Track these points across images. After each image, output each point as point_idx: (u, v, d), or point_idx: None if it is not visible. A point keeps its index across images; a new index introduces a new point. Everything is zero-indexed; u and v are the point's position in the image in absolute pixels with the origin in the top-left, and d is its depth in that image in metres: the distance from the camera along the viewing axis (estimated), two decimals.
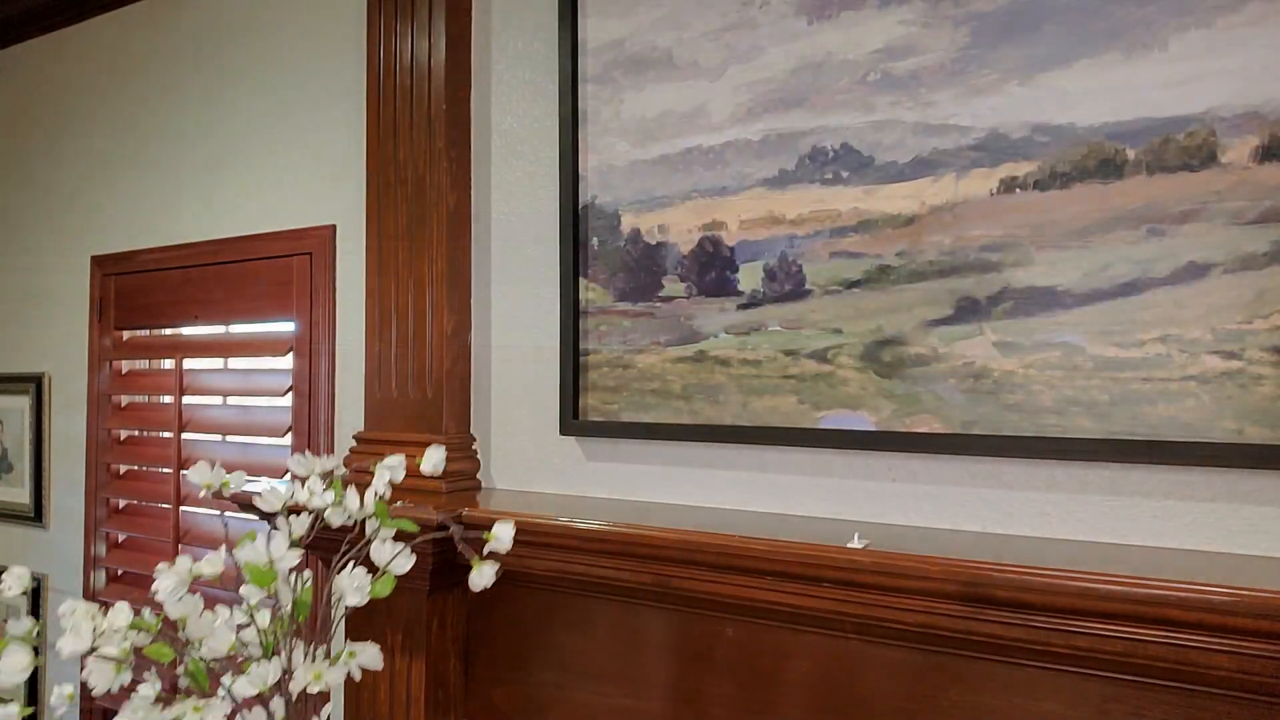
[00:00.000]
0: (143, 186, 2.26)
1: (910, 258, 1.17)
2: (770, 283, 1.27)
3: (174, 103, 2.19)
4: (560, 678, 1.33)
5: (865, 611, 1.04)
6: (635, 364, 1.40)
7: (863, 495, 1.23)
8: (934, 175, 1.16)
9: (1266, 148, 0.97)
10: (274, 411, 1.97)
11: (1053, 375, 1.08)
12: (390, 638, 1.42)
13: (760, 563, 1.09)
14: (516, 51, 1.56)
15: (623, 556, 1.20)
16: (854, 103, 1.21)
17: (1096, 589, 0.89)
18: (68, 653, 0.93)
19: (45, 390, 2.48)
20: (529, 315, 1.53)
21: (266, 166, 2.00)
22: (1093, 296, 1.06)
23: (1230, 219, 0.99)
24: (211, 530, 2.10)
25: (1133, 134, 1.04)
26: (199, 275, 2.09)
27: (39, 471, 2.48)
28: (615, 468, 1.44)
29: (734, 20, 1.31)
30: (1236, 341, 0.99)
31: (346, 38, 1.85)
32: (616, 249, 1.42)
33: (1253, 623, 0.83)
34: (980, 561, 0.96)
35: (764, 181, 1.28)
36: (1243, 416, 0.98)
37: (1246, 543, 1.00)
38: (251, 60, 2.04)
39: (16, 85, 2.62)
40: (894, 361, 1.18)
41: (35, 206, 2.55)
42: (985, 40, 1.12)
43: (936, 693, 1.05)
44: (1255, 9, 0.98)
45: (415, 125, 1.52)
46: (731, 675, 1.19)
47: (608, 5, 1.44)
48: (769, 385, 1.27)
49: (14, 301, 2.60)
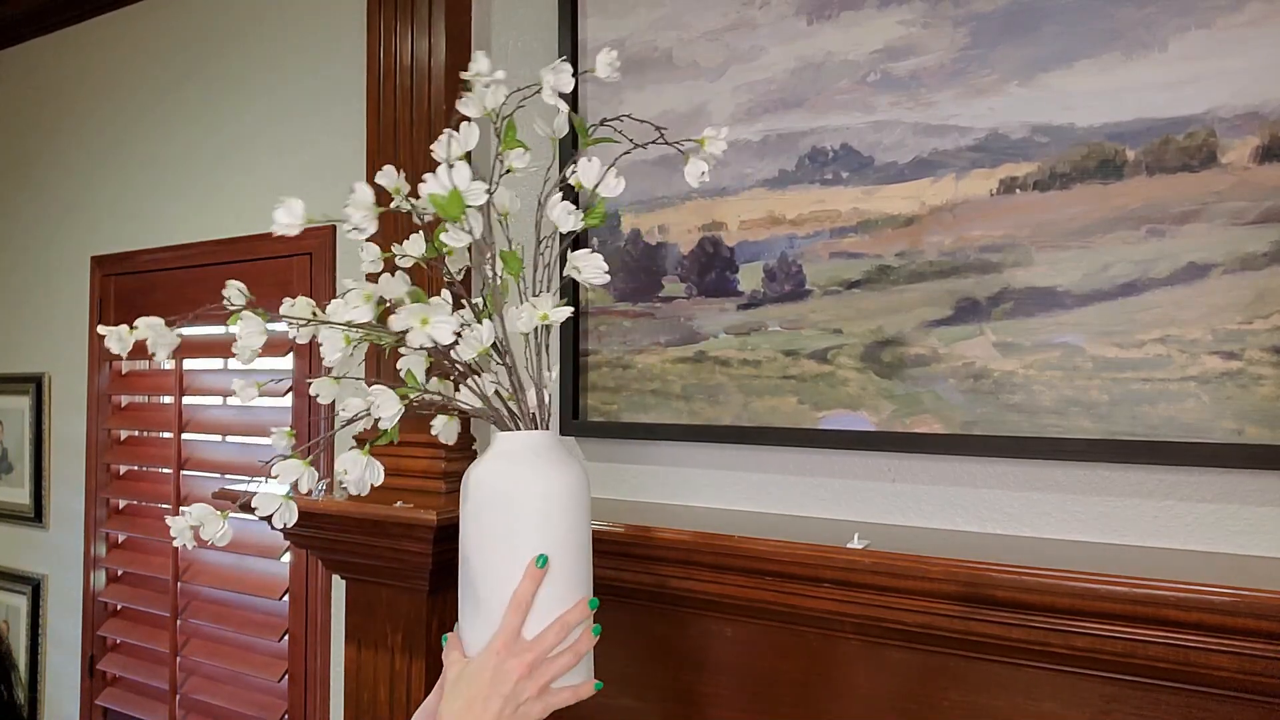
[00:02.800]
0: (143, 186, 2.26)
1: (910, 258, 1.17)
2: (770, 283, 1.27)
3: (174, 102, 2.19)
4: None
5: (865, 612, 1.04)
6: (635, 364, 1.40)
7: (863, 495, 1.23)
8: (934, 176, 1.16)
9: (1266, 148, 0.97)
10: (274, 411, 1.97)
11: (1053, 375, 1.08)
12: (390, 638, 1.42)
13: (760, 563, 1.08)
14: (516, 51, 1.56)
15: (622, 557, 1.20)
16: (854, 103, 1.21)
17: (1096, 589, 0.89)
18: None
19: (45, 390, 2.48)
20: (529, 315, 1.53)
21: (267, 166, 2.00)
22: (1093, 297, 1.06)
23: (1230, 219, 0.99)
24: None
25: (1133, 134, 1.04)
26: (199, 275, 2.09)
27: (39, 471, 2.48)
28: (615, 468, 1.44)
29: (734, 20, 1.31)
30: (1236, 342, 0.99)
31: (346, 38, 1.85)
32: (616, 249, 1.42)
33: (1253, 623, 0.83)
34: (980, 561, 0.96)
35: (764, 182, 1.28)
36: (1243, 417, 0.98)
37: (1246, 543, 1.00)
38: (251, 60, 2.04)
39: (16, 85, 2.62)
40: (894, 362, 1.18)
41: (35, 206, 2.55)
42: (985, 40, 1.12)
43: (936, 693, 1.05)
44: (1255, 9, 0.98)
45: (415, 125, 1.52)
46: (731, 675, 1.19)
47: (608, 5, 1.44)
48: (769, 385, 1.27)
49: (14, 301, 2.60)
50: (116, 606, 2.30)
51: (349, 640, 1.49)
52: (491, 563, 0.89)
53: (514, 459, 0.91)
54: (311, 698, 1.86)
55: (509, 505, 0.89)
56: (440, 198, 0.85)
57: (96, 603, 2.30)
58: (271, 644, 1.93)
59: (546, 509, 0.89)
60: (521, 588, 0.86)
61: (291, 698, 1.89)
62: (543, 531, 0.88)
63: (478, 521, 0.90)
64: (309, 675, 1.87)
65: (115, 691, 2.28)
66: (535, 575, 0.86)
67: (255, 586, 1.95)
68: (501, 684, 0.83)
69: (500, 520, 0.89)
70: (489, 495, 0.90)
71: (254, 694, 1.98)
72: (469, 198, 0.87)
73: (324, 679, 1.85)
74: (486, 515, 0.90)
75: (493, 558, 0.89)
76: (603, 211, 0.97)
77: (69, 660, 2.37)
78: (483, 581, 0.89)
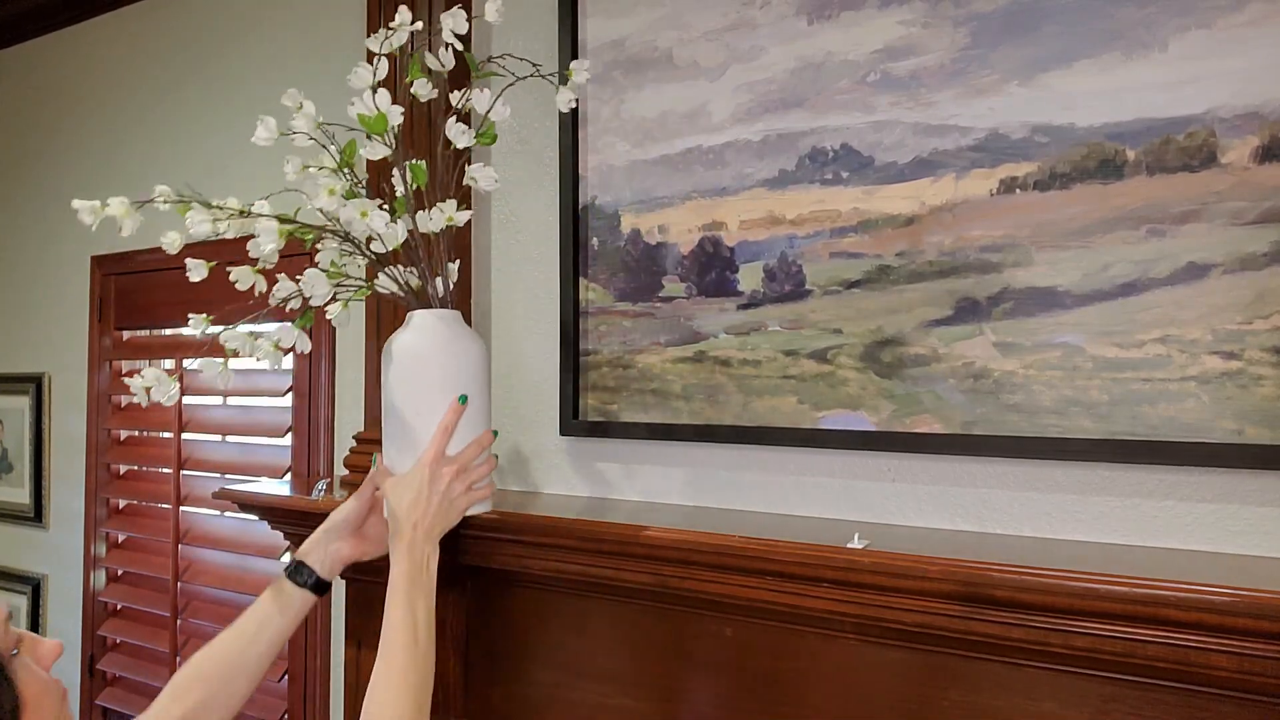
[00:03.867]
0: (143, 186, 2.26)
1: (910, 258, 1.17)
2: (770, 283, 1.27)
3: (174, 102, 2.19)
4: (559, 678, 1.33)
5: (864, 611, 1.03)
6: (635, 364, 1.40)
7: (863, 495, 1.23)
8: (934, 176, 1.16)
9: (1266, 148, 0.97)
10: (274, 411, 1.97)
11: (1053, 375, 1.08)
12: None
13: (759, 563, 1.08)
14: (517, 51, 1.56)
15: (622, 556, 1.20)
16: (854, 103, 1.21)
17: (1096, 589, 0.89)
18: None
19: (45, 390, 2.48)
20: (529, 315, 1.53)
21: (267, 166, 2.00)
22: (1093, 297, 1.06)
23: (1230, 219, 0.99)
24: (211, 530, 2.10)
25: (1133, 134, 1.04)
26: None
27: (39, 471, 2.49)
28: (615, 468, 1.44)
29: (734, 20, 1.31)
30: (1236, 342, 0.99)
31: (346, 38, 1.85)
32: (616, 249, 1.42)
33: (1253, 623, 0.83)
34: (980, 561, 0.96)
35: (764, 182, 1.28)
36: (1243, 417, 0.98)
37: (1246, 543, 1.00)
38: (251, 60, 2.04)
39: (16, 85, 2.62)
40: (894, 362, 1.18)
41: (35, 206, 2.55)
42: (985, 41, 1.12)
43: (936, 693, 1.05)
44: (1255, 9, 0.98)
45: (415, 125, 1.52)
46: (730, 675, 1.19)
47: (608, 5, 1.44)
48: (769, 385, 1.27)
49: (14, 301, 2.60)
50: (116, 606, 2.30)
51: (349, 640, 1.49)
52: (415, 406, 1.14)
53: (429, 330, 1.17)
54: (311, 698, 1.86)
55: (427, 363, 1.15)
56: (368, 117, 1.10)
57: (96, 602, 2.31)
58: None
59: (457, 365, 1.16)
60: (447, 418, 1.12)
61: (291, 697, 1.89)
62: (455, 381, 1.15)
63: (401, 377, 1.15)
64: (309, 675, 1.87)
65: (115, 691, 2.28)
66: (458, 409, 1.13)
67: (255, 586, 1.95)
68: (438, 483, 1.09)
69: (421, 374, 1.14)
70: (412, 356, 1.15)
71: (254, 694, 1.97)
72: (391, 117, 1.12)
73: (324, 679, 1.85)
74: (409, 372, 1.15)
75: (415, 402, 1.14)
76: (493, 133, 1.20)
77: (69, 660, 2.37)
78: (409, 420, 1.14)
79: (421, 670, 1.01)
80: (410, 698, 0.98)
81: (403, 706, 0.97)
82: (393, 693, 0.98)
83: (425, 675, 1.02)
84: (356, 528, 1.18)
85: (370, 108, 1.09)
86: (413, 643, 1.01)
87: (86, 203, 1.16)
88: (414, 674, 0.99)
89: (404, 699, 0.98)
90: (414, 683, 0.99)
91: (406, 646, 1.01)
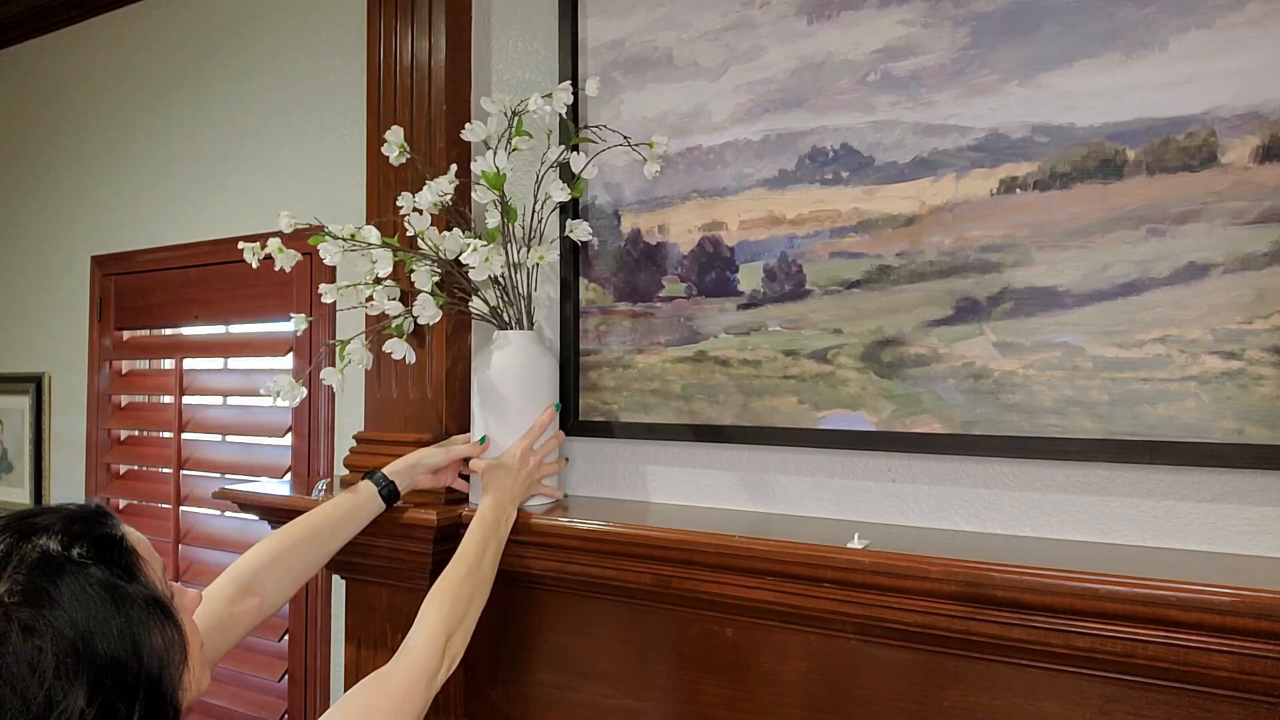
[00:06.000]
0: (143, 186, 2.26)
1: (910, 258, 1.17)
2: (770, 283, 1.27)
3: (174, 102, 2.19)
4: (560, 678, 1.33)
5: (865, 612, 1.04)
6: (635, 364, 1.40)
7: (863, 495, 1.23)
8: (934, 175, 1.16)
9: (1266, 148, 0.97)
10: (274, 411, 1.97)
11: (1053, 375, 1.08)
12: (390, 638, 1.42)
13: (760, 563, 1.09)
14: (516, 51, 1.56)
15: (622, 556, 1.20)
16: (854, 103, 1.21)
17: (1096, 589, 0.89)
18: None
19: (45, 390, 2.48)
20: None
21: (266, 166, 2.00)
22: (1093, 297, 1.06)
23: (1230, 219, 0.99)
24: (211, 530, 2.10)
25: (1133, 134, 1.04)
26: (199, 275, 2.09)
27: (39, 471, 2.49)
28: (615, 468, 1.44)
29: (734, 20, 1.31)
30: (1236, 342, 0.99)
31: (346, 37, 1.85)
32: (616, 249, 1.42)
33: (1253, 623, 0.83)
34: (980, 561, 0.96)
35: (764, 182, 1.28)
36: (1243, 416, 0.98)
37: (1246, 543, 1.00)
38: (251, 60, 2.04)
39: (16, 85, 2.62)
40: (894, 362, 1.18)
41: (35, 206, 2.55)
42: (985, 40, 1.12)
43: (936, 693, 1.05)
44: (1255, 9, 0.98)
45: (415, 125, 1.52)
46: (731, 676, 1.19)
47: (608, 5, 1.44)
48: (769, 385, 1.27)
49: (14, 301, 2.60)
50: None
51: (349, 640, 1.49)
52: (507, 407, 1.36)
53: (520, 348, 1.37)
54: (311, 698, 1.86)
55: (519, 374, 1.36)
56: (491, 173, 1.33)
57: None
58: (271, 644, 1.93)
59: (538, 379, 1.37)
60: (543, 418, 1.36)
61: (291, 698, 1.89)
62: (539, 390, 1.37)
63: (493, 383, 1.37)
64: (309, 675, 1.87)
65: None
66: (552, 413, 1.37)
67: None
68: (524, 468, 1.32)
69: (510, 381, 1.36)
70: (499, 367, 1.36)
71: (254, 694, 1.98)
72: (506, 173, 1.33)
73: (324, 679, 1.85)
74: (499, 378, 1.36)
75: (506, 405, 1.36)
76: (582, 188, 1.41)
77: None
78: (504, 417, 1.36)
79: (476, 587, 1.19)
80: (460, 602, 1.15)
81: (449, 607, 1.13)
82: (447, 594, 1.14)
83: (477, 592, 1.18)
84: (432, 471, 1.37)
85: (490, 165, 1.32)
86: (476, 567, 1.20)
87: (249, 244, 1.36)
88: (468, 587, 1.17)
89: (456, 599, 1.14)
90: (465, 594, 1.16)
91: (471, 567, 1.19)
